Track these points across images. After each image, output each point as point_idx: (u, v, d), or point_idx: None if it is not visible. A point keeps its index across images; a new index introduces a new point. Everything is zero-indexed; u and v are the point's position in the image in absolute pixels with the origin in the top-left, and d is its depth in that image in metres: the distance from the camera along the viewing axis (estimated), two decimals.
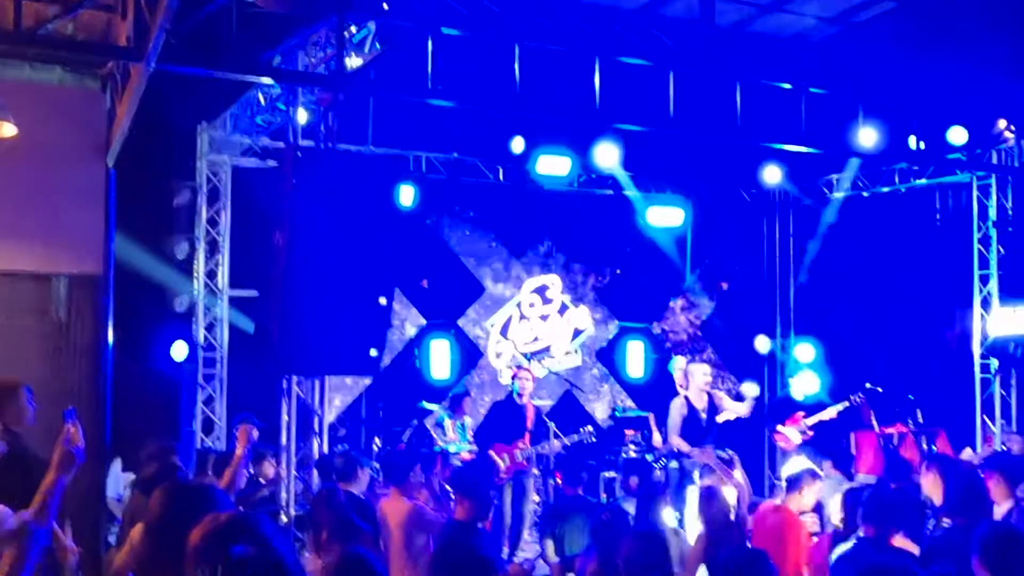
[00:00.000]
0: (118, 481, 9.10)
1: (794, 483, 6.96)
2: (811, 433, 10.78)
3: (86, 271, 8.46)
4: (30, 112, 7.08)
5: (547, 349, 13.28)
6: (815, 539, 6.98)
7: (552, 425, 10.66)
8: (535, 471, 10.50)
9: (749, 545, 6.49)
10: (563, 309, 13.42)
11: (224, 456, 8.00)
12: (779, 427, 11.11)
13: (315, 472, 9.11)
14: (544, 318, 13.29)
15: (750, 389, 10.76)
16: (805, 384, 11.48)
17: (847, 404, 10.75)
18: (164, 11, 5.91)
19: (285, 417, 9.17)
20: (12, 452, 5.67)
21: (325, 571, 3.03)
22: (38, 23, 6.44)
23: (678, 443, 10.03)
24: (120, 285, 8.69)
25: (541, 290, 13.30)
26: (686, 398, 10.25)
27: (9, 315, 8.16)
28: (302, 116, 9.08)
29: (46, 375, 7.92)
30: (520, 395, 10.33)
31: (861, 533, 5.47)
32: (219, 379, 10.93)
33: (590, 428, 10.68)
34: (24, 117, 6.66)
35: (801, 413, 10.95)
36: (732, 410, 10.39)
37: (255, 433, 6.32)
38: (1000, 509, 5.97)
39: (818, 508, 7.57)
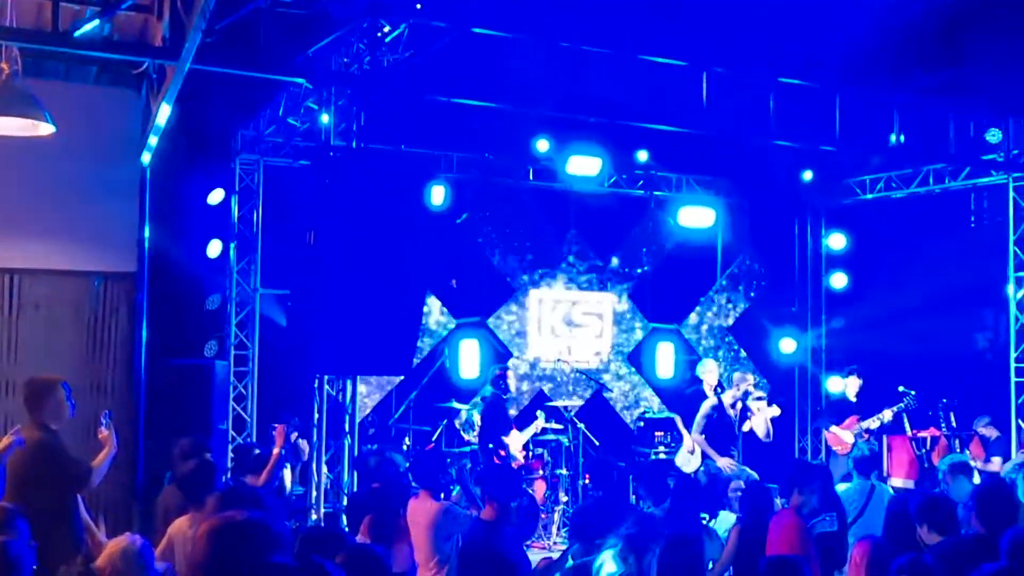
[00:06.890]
0: None
1: None
2: (866, 436, 10.64)
3: (121, 269, 8.57)
4: (66, 112, 7.13)
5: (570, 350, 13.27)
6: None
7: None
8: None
9: None
10: (593, 311, 13.41)
11: (262, 455, 8.06)
12: (833, 428, 10.98)
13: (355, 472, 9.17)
14: (572, 322, 13.29)
15: (771, 411, 10.62)
16: (840, 387, 11.37)
17: (903, 406, 10.61)
18: (199, 12, 5.96)
19: (316, 416, 9.23)
20: (46, 446, 5.75)
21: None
22: (75, 24, 6.51)
23: (699, 440, 10.25)
24: (154, 283, 8.78)
25: (569, 288, 13.30)
26: (718, 402, 10.30)
27: (45, 312, 8.27)
28: (334, 116, 9.12)
29: (81, 371, 8.04)
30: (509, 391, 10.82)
31: None
32: (251, 377, 11.01)
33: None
34: (60, 117, 6.70)
35: (855, 416, 10.84)
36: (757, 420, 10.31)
37: (294, 436, 6.33)
38: None
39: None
